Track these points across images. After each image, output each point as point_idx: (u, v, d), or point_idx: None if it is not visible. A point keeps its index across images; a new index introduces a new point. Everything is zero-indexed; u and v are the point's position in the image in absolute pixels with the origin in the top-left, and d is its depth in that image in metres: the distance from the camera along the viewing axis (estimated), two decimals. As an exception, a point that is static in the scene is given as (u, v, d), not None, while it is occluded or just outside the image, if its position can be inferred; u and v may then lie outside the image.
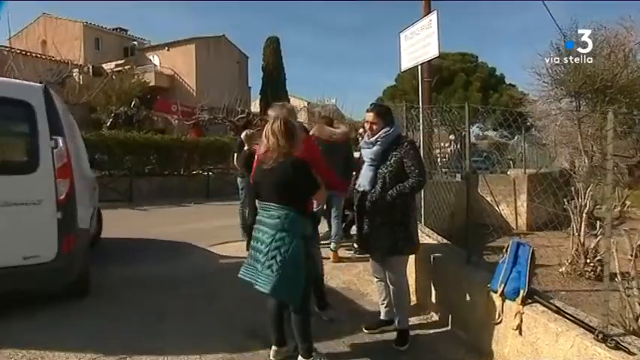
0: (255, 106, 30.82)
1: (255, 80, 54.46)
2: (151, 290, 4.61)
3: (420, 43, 4.93)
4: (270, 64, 33.07)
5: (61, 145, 3.65)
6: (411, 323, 3.58)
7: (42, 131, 3.61)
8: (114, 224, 7.20)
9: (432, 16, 4.70)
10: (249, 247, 3.04)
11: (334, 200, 5.53)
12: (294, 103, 26.61)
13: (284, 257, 2.78)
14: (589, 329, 2.53)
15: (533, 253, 3.14)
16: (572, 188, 6.00)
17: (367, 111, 3.46)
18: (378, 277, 3.62)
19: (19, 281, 3.59)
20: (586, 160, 9.01)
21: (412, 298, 3.98)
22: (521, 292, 2.95)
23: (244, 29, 69.41)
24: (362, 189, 3.42)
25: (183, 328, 3.62)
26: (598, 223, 5.63)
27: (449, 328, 3.70)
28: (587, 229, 5.55)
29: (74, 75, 18.19)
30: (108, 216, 7.20)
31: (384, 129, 3.36)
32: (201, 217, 10.33)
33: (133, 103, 18.26)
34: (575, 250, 5.56)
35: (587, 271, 5.40)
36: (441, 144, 10.92)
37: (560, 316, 2.75)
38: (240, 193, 6.91)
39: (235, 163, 6.98)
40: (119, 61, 26.93)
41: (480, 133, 30.39)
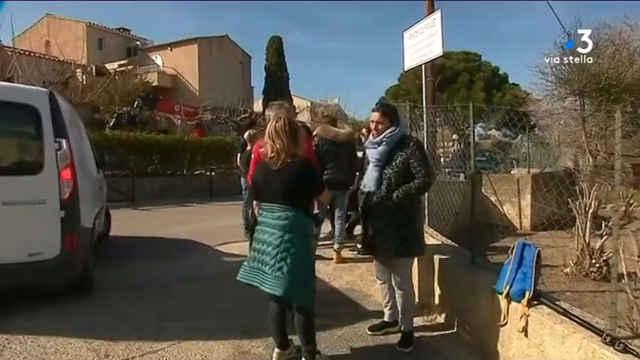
0: (258, 106, 30.77)
1: (258, 80, 54.55)
2: (154, 289, 4.61)
3: (423, 42, 4.88)
4: (273, 63, 33.10)
5: (64, 147, 3.77)
6: (414, 325, 3.53)
7: (47, 134, 3.74)
8: (116, 224, 7.19)
9: (436, 15, 4.66)
10: (251, 249, 2.99)
11: (338, 200, 5.50)
12: (297, 102, 26.65)
13: (294, 258, 2.76)
14: (596, 332, 2.49)
15: (539, 254, 3.10)
16: (577, 188, 5.95)
17: (373, 110, 3.42)
18: (381, 279, 3.58)
19: (24, 277, 3.73)
20: (590, 159, 8.94)
21: (416, 300, 3.94)
22: (527, 293, 2.91)
23: (247, 29, 69.48)
24: (367, 189, 3.36)
25: (185, 328, 3.60)
26: (603, 223, 5.59)
27: (453, 329, 3.67)
28: (592, 229, 5.50)
29: (77, 75, 18.19)
30: (111, 216, 7.22)
31: (390, 129, 3.31)
32: (204, 217, 10.32)
33: (136, 103, 18.26)
34: (581, 250, 5.51)
35: (592, 271, 5.35)
36: (444, 143, 10.89)
37: (566, 318, 2.71)
38: (244, 193, 6.90)
39: (239, 163, 6.97)
40: (122, 61, 26.92)
41: (483, 133, 30.29)
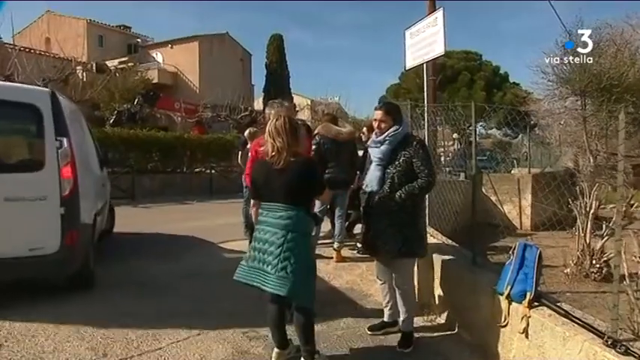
0: (258, 104, 30.75)
1: (258, 78, 54.35)
2: (154, 287, 4.61)
3: (425, 41, 4.85)
4: (274, 61, 33.08)
5: (65, 145, 3.87)
6: (414, 325, 3.51)
7: (48, 133, 3.85)
8: (117, 221, 7.15)
9: (438, 14, 4.63)
10: (250, 248, 2.95)
11: (338, 199, 5.48)
12: (298, 100, 26.64)
13: (298, 258, 2.74)
14: (598, 334, 2.48)
15: (540, 254, 3.08)
16: (577, 188, 5.92)
17: (376, 109, 3.38)
18: (382, 280, 3.54)
19: (24, 271, 3.85)
20: (591, 159, 8.92)
21: (416, 300, 3.93)
22: (528, 294, 2.90)
23: (247, 27, 69.30)
24: (369, 189, 3.32)
25: (184, 327, 3.57)
26: (604, 223, 5.57)
27: (453, 330, 3.65)
28: (592, 230, 5.47)
29: (77, 72, 18.15)
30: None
31: (393, 127, 3.28)
32: (204, 215, 10.31)
33: (136, 100, 18.25)
34: (581, 250, 5.49)
35: (592, 272, 5.32)
36: (445, 143, 10.86)
37: (567, 320, 2.69)
38: (245, 191, 6.88)
39: (239, 161, 6.95)
40: (122, 59, 26.88)
41: (484, 132, 30.23)
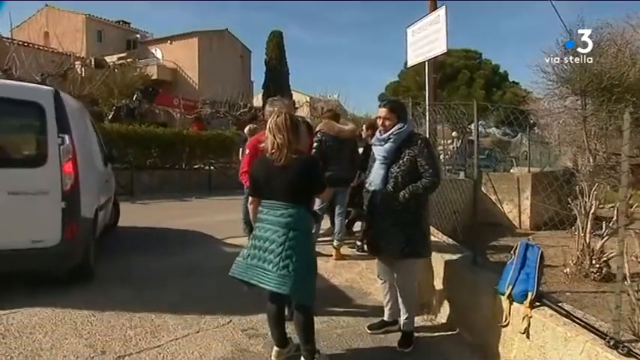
0: (257, 101, 30.72)
1: (258, 74, 54.29)
2: (153, 283, 4.57)
3: (427, 39, 4.82)
4: (273, 58, 33.02)
5: (67, 142, 4.00)
6: (414, 324, 3.50)
7: (50, 129, 3.98)
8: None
9: (441, 12, 4.60)
10: (248, 246, 2.90)
11: (339, 197, 5.46)
12: (297, 97, 26.59)
13: (300, 256, 2.72)
14: (599, 335, 2.47)
15: (542, 255, 3.08)
16: (577, 187, 5.91)
17: (380, 106, 3.33)
18: (383, 279, 3.50)
19: (26, 262, 3.97)
20: (591, 159, 8.91)
21: (417, 299, 3.91)
22: (530, 294, 2.88)
23: (247, 23, 69.16)
24: (373, 188, 3.28)
25: (183, 324, 3.56)
26: (604, 223, 5.56)
27: (454, 329, 3.63)
28: (592, 230, 5.46)
29: (76, 67, 18.06)
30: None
31: (397, 125, 3.22)
32: (203, 212, 10.29)
33: (135, 96, 18.18)
34: (581, 250, 5.48)
35: (592, 272, 5.31)
36: (444, 141, 10.84)
37: (569, 320, 2.68)
38: (245, 188, 6.85)
39: (240, 157, 6.93)
40: (121, 54, 26.81)
41: (483, 131, 30.18)
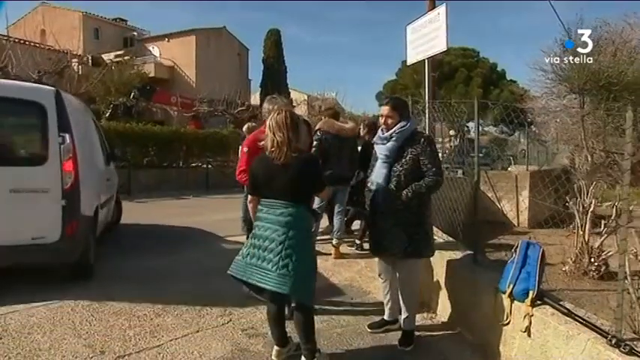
0: (255, 99, 30.62)
1: (255, 72, 54.14)
2: (153, 283, 4.56)
3: (427, 37, 4.80)
4: (271, 56, 32.89)
5: (67, 141, 4.08)
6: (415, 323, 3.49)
7: (51, 129, 4.07)
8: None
9: (441, 9, 4.58)
10: (247, 245, 2.89)
11: (339, 196, 5.44)
12: (295, 96, 26.56)
13: (300, 255, 2.71)
14: (601, 333, 2.47)
15: (543, 253, 3.07)
16: (575, 186, 5.91)
17: (382, 104, 3.30)
18: (383, 278, 3.48)
19: (26, 257, 4.05)
20: (589, 157, 8.92)
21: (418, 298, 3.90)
22: (531, 293, 2.87)
23: (245, 21, 68.96)
24: (375, 187, 3.25)
25: (182, 325, 3.55)
26: (603, 221, 5.56)
27: (454, 328, 3.62)
28: (590, 228, 5.46)
29: (73, 65, 17.98)
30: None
31: (400, 123, 3.19)
32: (201, 211, 10.27)
33: (133, 94, 18.13)
34: (579, 248, 5.48)
35: (591, 270, 5.31)
36: (442, 139, 10.82)
37: (570, 319, 2.68)
38: (245, 187, 6.83)
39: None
40: (118, 52, 26.65)
41: (480, 129, 30.18)
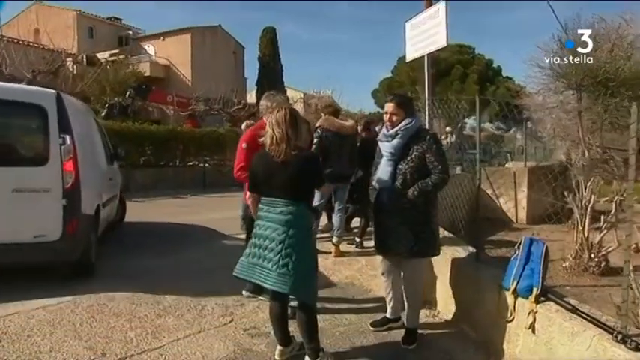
0: (251, 97, 30.56)
1: (251, 71, 54.02)
2: (153, 282, 4.50)
3: (427, 33, 4.77)
4: (267, 54, 32.84)
5: (68, 142, 4.16)
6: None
7: (52, 130, 4.15)
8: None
9: (440, 5, 4.55)
10: (249, 244, 2.89)
11: (339, 193, 5.42)
12: (291, 94, 26.41)
13: (300, 254, 2.68)
14: (606, 329, 2.46)
15: (546, 249, 3.06)
16: (574, 182, 5.91)
17: (387, 101, 3.25)
18: (386, 277, 3.44)
19: (28, 256, 4.13)
20: (586, 152, 8.93)
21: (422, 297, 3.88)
22: (535, 289, 2.87)
23: (240, 20, 68.60)
24: (380, 185, 3.20)
25: (184, 325, 3.52)
26: (602, 217, 5.57)
27: (457, 326, 3.61)
28: (590, 223, 5.46)
29: (67, 64, 17.85)
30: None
31: (405, 120, 3.15)
32: (199, 210, 10.23)
33: (128, 93, 18.03)
34: (579, 244, 5.48)
35: (591, 265, 5.32)
36: (440, 136, 10.81)
37: (575, 315, 2.67)
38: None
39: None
40: (113, 51, 26.52)
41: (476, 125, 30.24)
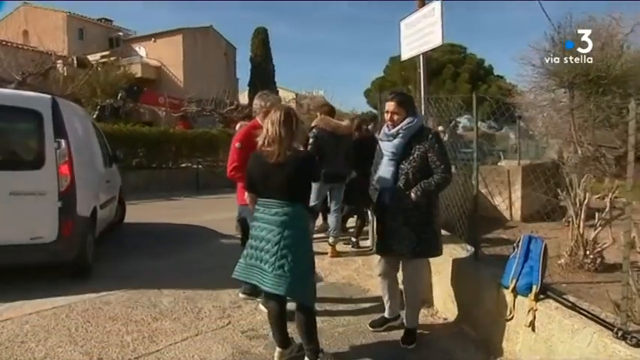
0: (243, 98, 30.48)
1: (243, 72, 53.88)
2: (150, 284, 4.45)
3: (422, 32, 4.77)
4: (259, 55, 32.80)
5: (63, 146, 4.26)
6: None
7: (48, 135, 4.24)
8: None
9: (436, 4, 4.55)
10: (247, 246, 2.87)
11: (335, 193, 5.40)
12: (283, 94, 26.40)
13: (296, 256, 2.65)
14: (607, 326, 2.46)
15: (545, 247, 3.06)
16: (567, 179, 5.94)
17: (387, 100, 3.21)
18: (385, 277, 3.39)
19: (25, 257, 4.21)
20: (578, 150, 8.98)
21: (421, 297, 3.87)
22: (534, 287, 2.87)
23: (231, 20, 68.50)
24: (382, 185, 3.17)
25: (181, 328, 3.48)
26: (597, 214, 5.60)
27: (457, 325, 3.60)
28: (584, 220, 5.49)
29: (58, 66, 17.68)
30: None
31: (407, 119, 3.10)
32: (193, 211, 10.15)
33: (119, 95, 17.90)
34: (575, 241, 5.51)
35: (586, 262, 5.34)
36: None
37: (575, 312, 2.67)
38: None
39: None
40: (104, 52, 26.26)
41: (468, 124, 30.35)
